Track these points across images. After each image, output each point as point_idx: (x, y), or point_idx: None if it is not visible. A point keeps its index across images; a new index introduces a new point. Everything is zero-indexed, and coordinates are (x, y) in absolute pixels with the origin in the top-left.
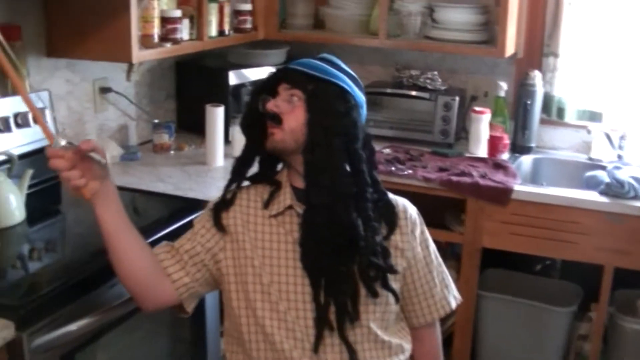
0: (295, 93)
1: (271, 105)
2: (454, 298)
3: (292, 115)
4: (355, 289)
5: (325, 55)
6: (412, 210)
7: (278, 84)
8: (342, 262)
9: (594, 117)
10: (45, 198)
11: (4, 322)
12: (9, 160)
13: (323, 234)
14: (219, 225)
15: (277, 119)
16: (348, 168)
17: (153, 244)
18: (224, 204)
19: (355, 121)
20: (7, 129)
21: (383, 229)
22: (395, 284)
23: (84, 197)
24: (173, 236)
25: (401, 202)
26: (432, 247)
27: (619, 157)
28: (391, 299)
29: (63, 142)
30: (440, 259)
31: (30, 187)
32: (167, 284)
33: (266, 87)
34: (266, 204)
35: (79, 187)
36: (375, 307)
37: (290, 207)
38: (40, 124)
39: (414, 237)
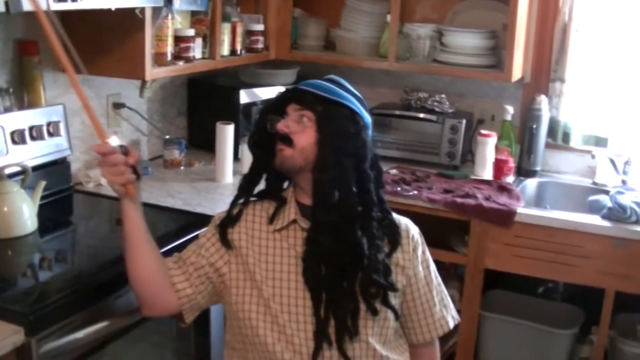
0: (305, 114)
1: (281, 125)
2: (452, 318)
3: (302, 135)
4: (355, 305)
5: (332, 76)
6: (414, 230)
7: (287, 104)
8: (344, 279)
9: (600, 142)
10: (57, 209)
11: (14, 328)
12: (23, 171)
13: (327, 251)
14: (225, 241)
15: (287, 140)
16: (355, 188)
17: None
18: (230, 219)
19: (364, 142)
20: (22, 141)
21: (385, 247)
22: (395, 301)
23: (128, 193)
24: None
25: (404, 222)
26: (433, 267)
27: (623, 182)
28: (390, 315)
29: (116, 142)
30: (439, 279)
31: (42, 198)
32: (171, 293)
33: (275, 107)
34: (271, 219)
35: (129, 182)
36: (375, 323)
37: (294, 221)
38: (94, 120)
39: (416, 256)
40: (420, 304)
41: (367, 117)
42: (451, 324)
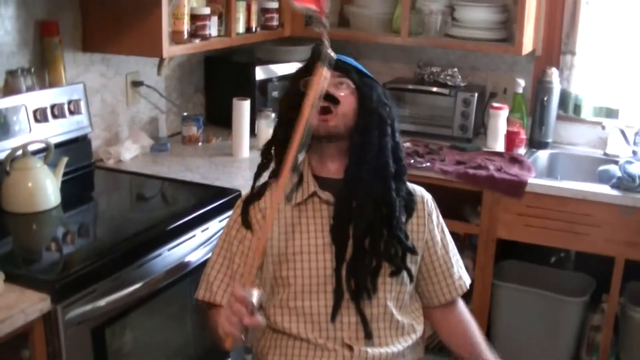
0: (344, 81)
1: (331, 88)
2: (468, 278)
3: (346, 100)
4: (377, 263)
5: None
6: (428, 196)
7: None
8: (370, 237)
9: (610, 113)
10: (79, 185)
11: (40, 295)
12: (46, 148)
13: (358, 209)
14: (246, 223)
15: (335, 101)
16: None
17: (181, 228)
18: (255, 196)
19: (395, 113)
20: (45, 119)
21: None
22: (410, 265)
23: (225, 342)
24: (200, 220)
25: (418, 189)
26: (447, 231)
27: (634, 152)
28: (406, 278)
29: (254, 297)
30: (453, 243)
31: (64, 174)
32: None
33: (310, 71)
34: (289, 196)
35: (232, 336)
36: (392, 286)
37: (314, 194)
38: (251, 268)
39: (431, 221)
40: (439, 266)
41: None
42: (468, 283)
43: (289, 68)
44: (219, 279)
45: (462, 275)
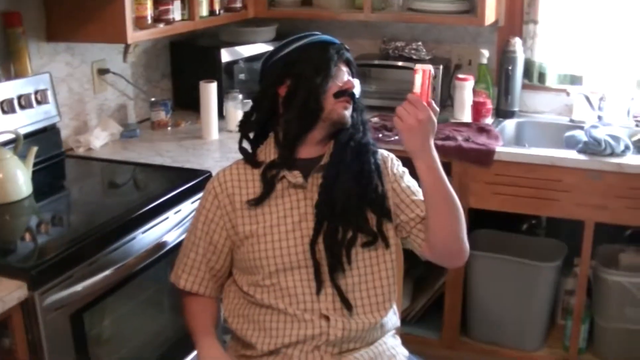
0: (347, 74)
1: (351, 84)
2: None
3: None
4: (352, 237)
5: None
6: (390, 156)
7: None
8: (349, 210)
9: (575, 80)
10: (50, 174)
11: (17, 283)
12: (15, 139)
13: (343, 184)
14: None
15: (355, 100)
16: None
17: (154, 210)
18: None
19: None
20: (12, 110)
21: None
22: (387, 231)
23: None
24: (172, 202)
25: (379, 151)
26: (413, 181)
27: (599, 117)
28: (382, 246)
29: None
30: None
31: (35, 164)
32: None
33: (329, 68)
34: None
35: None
36: (367, 256)
37: (282, 177)
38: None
39: (393, 174)
40: (412, 211)
41: None
42: None
43: (254, 49)
44: (202, 270)
45: None
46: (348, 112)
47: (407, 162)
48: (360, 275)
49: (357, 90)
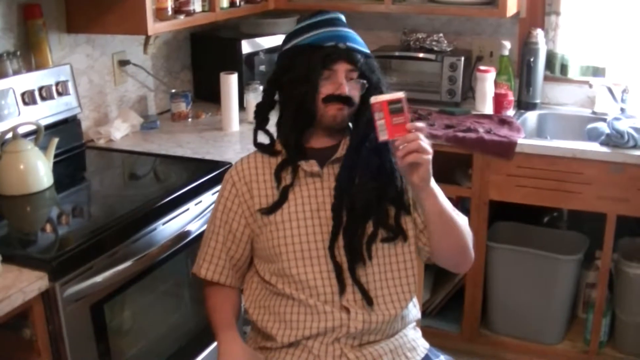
0: (353, 75)
1: (344, 89)
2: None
3: (356, 93)
4: (373, 232)
5: (330, 14)
6: None
7: (335, 62)
8: (369, 206)
9: (597, 72)
10: (71, 165)
11: (38, 274)
12: (36, 130)
13: (361, 180)
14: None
15: (351, 102)
16: None
17: (174, 202)
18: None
19: (386, 85)
20: (33, 101)
21: None
22: (406, 225)
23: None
24: (193, 193)
25: None
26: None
27: (622, 110)
28: (402, 240)
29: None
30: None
31: (56, 155)
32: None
33: (324, 65)
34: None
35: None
36: (387, 251)
37: (298, 166)
38: None
39: None
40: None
41: None
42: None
43: (275, 40)
44: (223, 259)
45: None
46: (341, 115)
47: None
48: (381, 272)
49: (356, 92)
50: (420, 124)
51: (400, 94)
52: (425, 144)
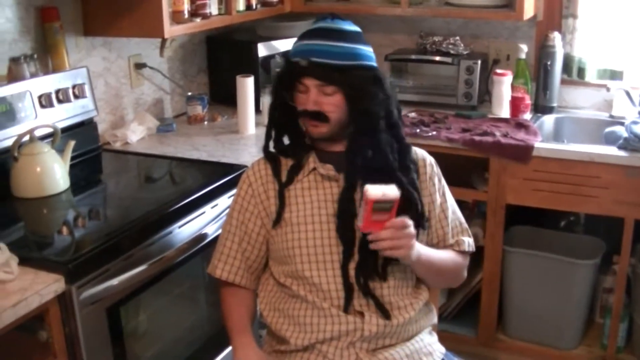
0: (326, 89)
1: (311, 104)
2: (468, 245)
3: (334, 107)
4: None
5: (329, 23)
6: (430, 159)
7: (302, 77)
8: None
9: (615, 75)
10: (87, 168)
11: (55, 277)
12: (53, 133)
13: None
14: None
15: (323, 117)
16: (389, 147)
17: (190, 205)
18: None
19: (389, 94)
20: (50, 104)
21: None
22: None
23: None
24: (209, 197)
25: (420, 152)
26: (449, 195)
27: None
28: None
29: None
30: (456, 208)
31: (72, 158)
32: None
33: (290, 81)
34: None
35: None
36: (405, 266)
37: (313, 169)
38: None
39: (432, 184)
40: (435, 231)
41: (374, 56)
42: (465, 247)
43: (291, 43)
44: (238, 259)
45: (458, 241)
46: (323, 129)
47: (441, 157)
48: (396, 287)
49: (333, 107)
50: (402, 221)
51: (393, 196)
52: (399, 240)
